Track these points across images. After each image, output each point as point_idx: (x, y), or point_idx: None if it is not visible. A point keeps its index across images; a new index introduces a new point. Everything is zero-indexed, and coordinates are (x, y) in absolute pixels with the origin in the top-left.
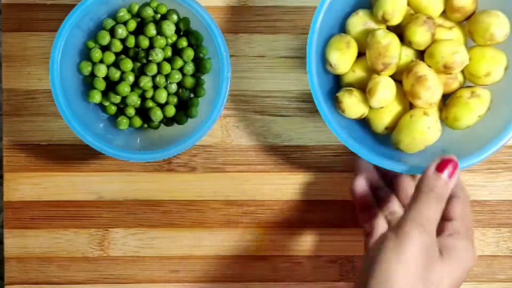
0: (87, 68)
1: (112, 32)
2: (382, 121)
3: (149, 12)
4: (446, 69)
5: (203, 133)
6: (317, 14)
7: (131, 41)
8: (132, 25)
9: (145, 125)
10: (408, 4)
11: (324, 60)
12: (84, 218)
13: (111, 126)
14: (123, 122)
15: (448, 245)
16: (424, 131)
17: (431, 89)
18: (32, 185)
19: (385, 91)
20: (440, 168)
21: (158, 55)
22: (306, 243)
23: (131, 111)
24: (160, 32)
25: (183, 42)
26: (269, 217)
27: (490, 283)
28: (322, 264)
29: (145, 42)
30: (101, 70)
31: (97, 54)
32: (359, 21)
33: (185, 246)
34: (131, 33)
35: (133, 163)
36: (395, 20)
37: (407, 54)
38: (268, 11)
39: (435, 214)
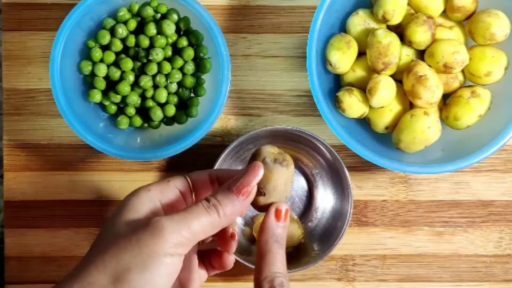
0: (87, 68)
1: (113, 32)
2: (382, 121)
3: (149, 11)
4: (446, 69)
5: (203, 133)
6: (317, 14)
7: (131, 41)
8: (133, 24)
9: (145, 125)
10: (408, 4)
11: (324, 60)
12: (84, 218)
13: (111, 126)
14: (123, 121)
15: None
16: (424, 131)
17: (431, 88)
18: (32, 184)
19: (385, 91)
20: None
21: (158, 54)
22: None
23: (131, 111)
24: (160, 32)
25: (183, 42)
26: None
27: (491, 283)
28: (322, 263)
29: (145, 42)
30: (101, 70)
31: (97, 54)
32: (359, 21)
33: None
34: (131, 32)
35: (133, 162)
36: (395, 20)
37: (408, 54)
38: (268, 11)
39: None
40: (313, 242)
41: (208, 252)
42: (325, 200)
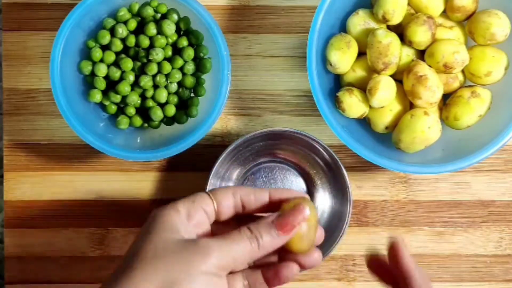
0: (87, 68)
1: (113, 32)
2: (382, 121)
3: (149, 11)
4: (446, 69)
5: (203, 132)
6: (317, 14)
7: (132, 41)
8: (133, 24)
9: (145, 125)
10: (409, 4)
11: (324, 60)
12: (84, 217)
13: (111, 126)
14: (124, 121)
15: None
16: (424, 131)
17: (431, 88)
18: (32, 184)
19: (385, 91)
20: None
21: (158, 54)
22: None
23: (131, 111)
24: (160, 32)
25: (184, 42)
26: None
27: (491, 283)
28: (323, 263)
29: (145, 42)
30: (102, 70)
31: (97, 54)
32: (360, 21)
33: None
34: (131, 32)
35: (133, 162)
36: (395, 20)
37: (408, 54)
38: (268, 11)
39: None
40: None
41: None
42: (324, 200)
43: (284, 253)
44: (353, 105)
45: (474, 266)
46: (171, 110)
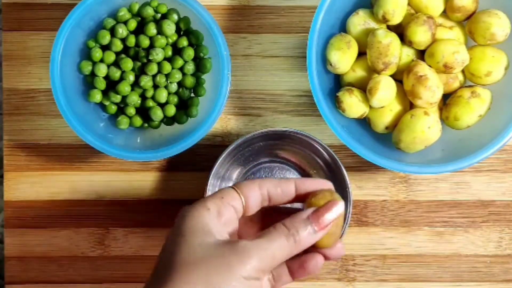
0: (87, 68)
1: (113, 32)
2: (382, 121)
3: (149, 11)
4: (446, 69)
5: (203, 133)
6: (317, 14)
7: (132, 41)
8: (133, 24)
9: (146, 125)
10: (409, 4)
11: (324, 60)
12: (84, 218)
13: (111, 126)
14: (124, 121)
15: None
16: (424, 131)
17: (431, 88)
18: (32, 184)
19: (385, 91)
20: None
21: (158, 54)
22: None
23: (131, 111)
24: (160, 32)
25: (184, 42)
26: None
27: (491, 283)
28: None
29: (145, 42)
30: (102, 70)
31: (97, 54)
32: (360, 21)
33: None
34: (131, 32)
35: (133, 163)
36: (395, 20)
37: (408, 54)
38: (268, 11)
39: None
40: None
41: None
42: None
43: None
44: (353, 105)
45: (474, 266)
46: (171, 110)
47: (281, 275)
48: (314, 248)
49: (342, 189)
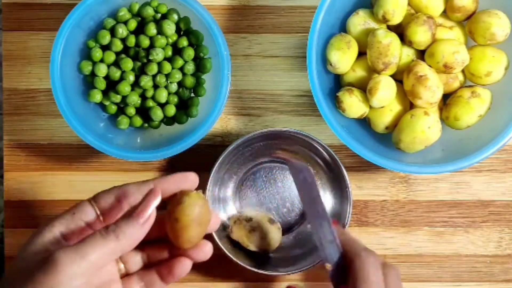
0: (87, 68)
1: (113, 32)
2: (382, 121)
3: (149, 11)
4: (446, 69)
5: (203, 132)
6: (317, 14)
7: (132, 41)
8: (133, 24)
9: (146, 125)
10: (409, 4)
11: (324, 60)
12: None
13: (111, 126)
14: (124, 121)
15: None
16: (424, 131)
17: (431, 88)
18: (32, 184)
19: (385, 91)
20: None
21: (158, 54)
22: None
23: (131, 111)
24: (160, 32)
25: (184, 42)
26: None
27: (491, 283)
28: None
29: (145, 42)
30: (102, 70)
31: (97, 54)
32: (360, 21)
33: None
34: (131, 32)
35: (133, 163)
36: (395, 20)
37: (408, 54)
38: (268, 11)
39: None
40: (314, 243)
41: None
42: (325, 200)
43: (174, 249)
44: (353, 105)
45: (474, 266)
46: (171, 110)
47: (151, 282)
48: (180, 250)
49: (342, 189)
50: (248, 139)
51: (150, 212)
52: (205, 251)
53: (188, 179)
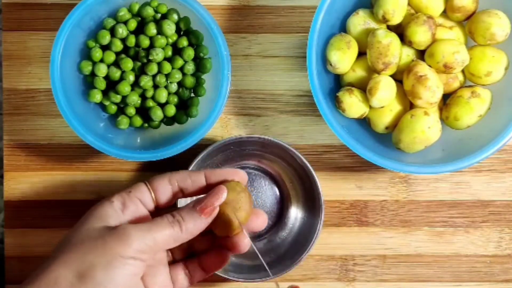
0: (87, 68)
1: (113, 32)
2: (382, 121)
3: (149, 11)
4: (446, 69)
5: (203, 132)
6: (317, 14)
7: (132, 41)
8: (133, 24)
9: (146, 125)
10: (409, 4)
11: (324, 60)
12: None
13: (111, 126)
14: (124, 121)
15: None
16: (424, 131)
17: (431, 88)
18: (32, 184)
19: (385, 91)
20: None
21: (158, 54)
22: None
23: (131, 111)
24: (160, 32)
25: (184, 42)
26: None
27: (491, 283)
28: (322, 263)
29: (145, 42)
30: (102, 70)
31: (97, 54)
32: (360, 21)
33: None
34: (131, 32)
35: (133, 163)
36: (395, 20)
37: (408, 54)
38: (268, 11)
39: None
40: (288, 248)
41: (200, 256)
42: (298, 204)
43: (216, 240)
44: (353, 105)
45: (474, 266)
46: (171, 110)
47: (195, 271)
48: (221, 239)
49: (314, 197)
50: (219, 145)
51: (214, 207)
52: (245, 243)
53: (238, 175)
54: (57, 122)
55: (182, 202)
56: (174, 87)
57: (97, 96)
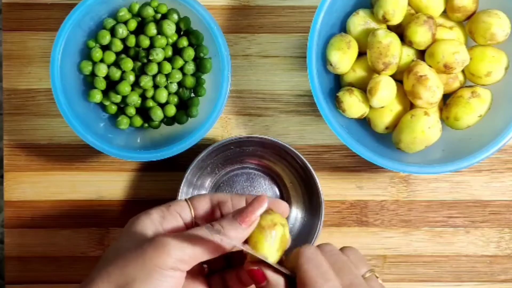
0: (87, 68)
1: (113, 32)
2: (382, 121)
3: (149, 11)
4: (446, 69)
5: (203, 132)
6: (317, 14)
7: (132, 41)
8: (133, 24)
9: (146, 125)
10: (409, 4)
11: (324, 60)
12: (84, 218)
13: (111, 126)
14: (124, 121)
15: None
16: (424, 131)
17: (431, 89)
18: (32, 184)
19: (385, 91)
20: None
21: (158, 54)
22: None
23: (131, 111)
24: (160, 32)
25: (184, 42)
26: None
27: (491, 283)
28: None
29: (145, 42)
30: (102, 70)
31: (97, 54)
32: (360, 21)
33: None
34: (131, 32)
35: (133, 163)
36: (395, 20)
37: (408, 54)
38: (268, 11)
39: None
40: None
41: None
42: (298, 204)
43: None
44: (353, 105)
45: (474, 266)
46: (171, 110)
47: (232, 285)
48: (256, 264)
49: (314, 197)
50: (219, 145)
51: (255, 218)
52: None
53: (281, 206)
54: (57, 122)
55: None
56: (174, 87)
57: (97, 96)
